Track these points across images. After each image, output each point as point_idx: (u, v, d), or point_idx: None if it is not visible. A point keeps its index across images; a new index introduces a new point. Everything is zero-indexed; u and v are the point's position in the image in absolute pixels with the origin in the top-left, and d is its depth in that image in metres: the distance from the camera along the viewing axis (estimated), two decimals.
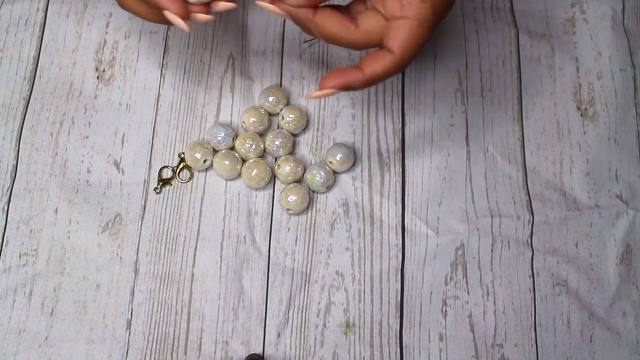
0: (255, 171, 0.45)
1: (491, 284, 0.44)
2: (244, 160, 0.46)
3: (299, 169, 0.45)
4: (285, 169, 0.45)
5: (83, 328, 0.42)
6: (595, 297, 0.44)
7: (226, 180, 0.46)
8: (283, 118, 0.47)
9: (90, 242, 0.44)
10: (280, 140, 0.46)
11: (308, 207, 0.46)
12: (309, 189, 0.46)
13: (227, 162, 0.45)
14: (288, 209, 0.45)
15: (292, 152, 0.47)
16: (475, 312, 0.44)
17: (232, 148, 0.47)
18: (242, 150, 0.46)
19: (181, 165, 0.46)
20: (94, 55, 0.49)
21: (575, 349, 0.43)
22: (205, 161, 0.45)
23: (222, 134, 0.46)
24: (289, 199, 0.44)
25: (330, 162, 0.46)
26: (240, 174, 0.46)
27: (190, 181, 0.46)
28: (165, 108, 0.48)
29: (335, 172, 0.46)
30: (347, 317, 0.43)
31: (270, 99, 0.47)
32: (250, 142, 0.46)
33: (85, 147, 0.47)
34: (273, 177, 0.46)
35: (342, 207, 0.46)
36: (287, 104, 0.48)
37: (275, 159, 0.47)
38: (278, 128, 0.47)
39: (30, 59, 0.49)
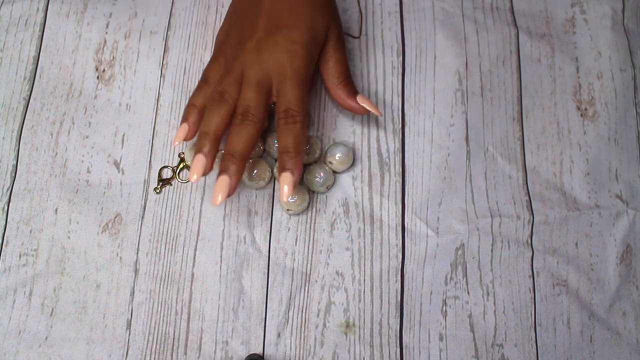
0: (255, 171, 0.45)
1: (491, 284, 0.44)
2: None
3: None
4: None
5: (83, 328, 0.42)
6: (595, 297, 0.44)
7: None
8: None
9: (90, 242, 0.44)
10: None
11: (308, 207, 0.46)
12: (309, 189, 0.46)
13: None
14: (288, 209, 0.45)
15: None
16: (475, 312, 0.44)
17: None
18: None
19: (181, 165, 0.46)
20: (94, 55, 0.49)
21: (575, 349, 0.43)
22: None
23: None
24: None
25: (330, 162, 0.46)
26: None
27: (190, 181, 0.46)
28: (165, 108, 0.48)
29: (335, 172, 0.46)
30: (347, 317, 0.43)
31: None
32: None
33: (85, 147, 0.47)
34: (273, 177, 0.46)
35: (342, 207, 0.46)
36: None
37: (276, 160, 0.47)
38: None
39: (30, 59, 0.49)
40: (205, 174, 0.39)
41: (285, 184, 0.39)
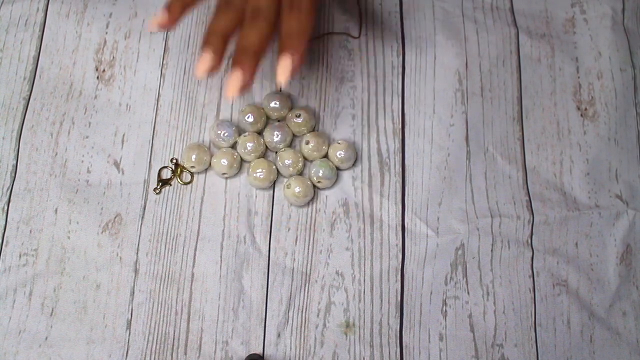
0: (261, 171, 0.45)
1: (491, 284, 0.44)
2: (242, 159, 0.46)
3: (300, 160, 0.45)
4: (286, 162, 0.45)
5: (83, 328, 0.42)
6: (595, 297, 0.44)
7: (225, 178, 0.46)
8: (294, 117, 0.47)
9: (90, 242, 0.44)
10: (279, 134, 0.46)
11: (311, 201, 0.45)
12: (311, 182, 0.46)
13: (224, 162, 0.45)
14: (291, 204, 0.44)
15: (290, 145, 0.47)
16: (475, 312, 0.44)
17: (234, 146, 0.47)
18: (244, 151, 0.46)
19: (179, 169, 0.46)
20: (94, 55, 0.49)
21: (575, 349, 0.43)
22: (202, 163, 0.45)
23: (227, 133, 0.46)
24: (295, 189, 0.44)
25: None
26: (238, 172, 0.46)
27: (190, 182, 0.46)
28: (165, 108, 0.48)
29: (338, 169, 0.46)
30: (347, 317, 0.43)
31: (272, 104, 0.47)
32: (251, 144, 0.45)
33: (85, 147, 0.47)
34: (276, 177, 0.46)
35: (342, 207, 0.46)
36: (291, 108, 0.48)
37: (276, 152, 0.47)
38: (288, 127, 0.47)
39: (30, 59, 0.49)
40: (212, 70, 0.35)
41: (282, 67, 0.34)
